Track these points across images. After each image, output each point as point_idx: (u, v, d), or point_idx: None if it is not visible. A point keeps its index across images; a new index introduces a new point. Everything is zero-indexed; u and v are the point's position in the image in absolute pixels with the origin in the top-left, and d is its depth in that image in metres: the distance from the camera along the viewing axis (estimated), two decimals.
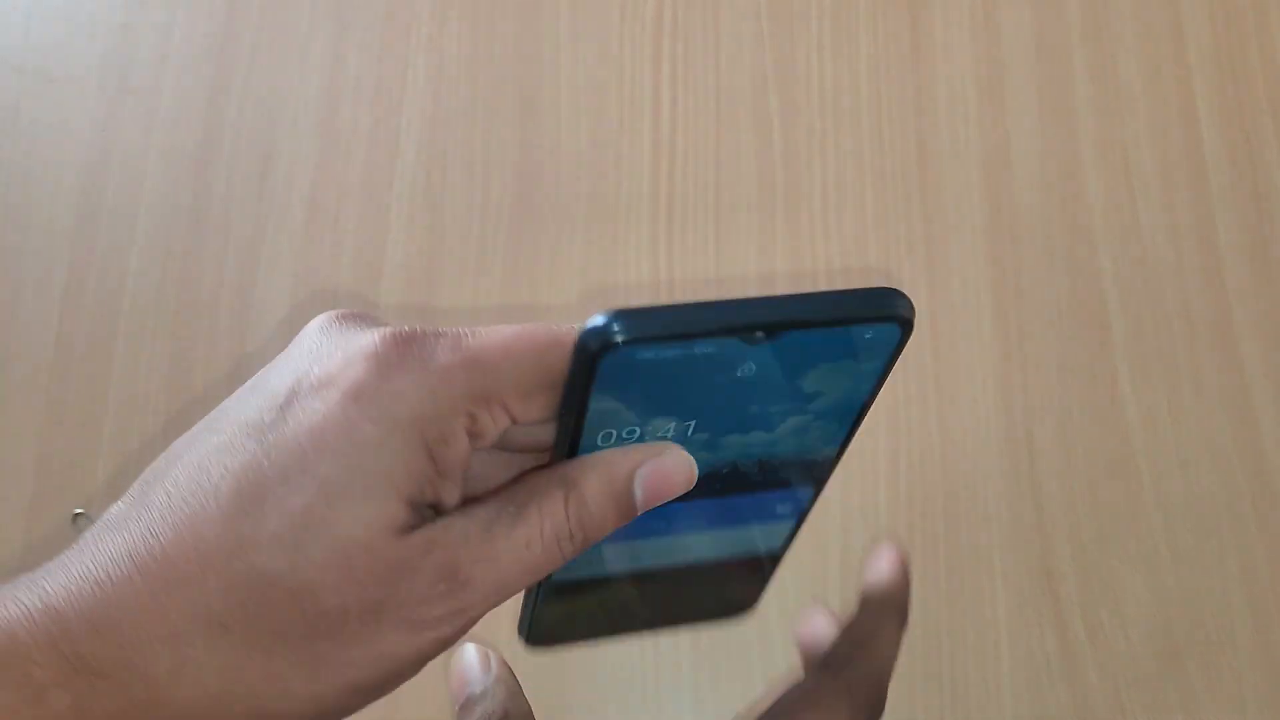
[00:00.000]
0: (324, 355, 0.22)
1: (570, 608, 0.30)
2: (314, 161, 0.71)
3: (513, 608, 0.29)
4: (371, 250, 0.69)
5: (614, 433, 0.24)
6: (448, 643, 0.23)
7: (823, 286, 0.67)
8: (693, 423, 0.24)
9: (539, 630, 0.29)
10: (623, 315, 0.21)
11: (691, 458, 0.24)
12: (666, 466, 0.24)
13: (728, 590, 0.32)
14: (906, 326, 0.24)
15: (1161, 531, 0.61)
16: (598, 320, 0.22)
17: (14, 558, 0.64)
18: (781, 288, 0.67)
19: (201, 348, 0.68)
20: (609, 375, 0.22)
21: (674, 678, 0.60)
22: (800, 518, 0.30)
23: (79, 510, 0.65)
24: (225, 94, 0.73)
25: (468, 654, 0.32)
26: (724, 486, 0.27)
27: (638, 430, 0.24)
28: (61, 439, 0.66)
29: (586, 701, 0.60)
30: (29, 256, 0.70)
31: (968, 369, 0.64)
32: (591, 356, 0.21)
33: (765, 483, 0.27)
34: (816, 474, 0.28)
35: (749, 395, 0.24)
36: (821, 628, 0.33)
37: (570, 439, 0.23)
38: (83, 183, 0.71)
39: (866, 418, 0.27)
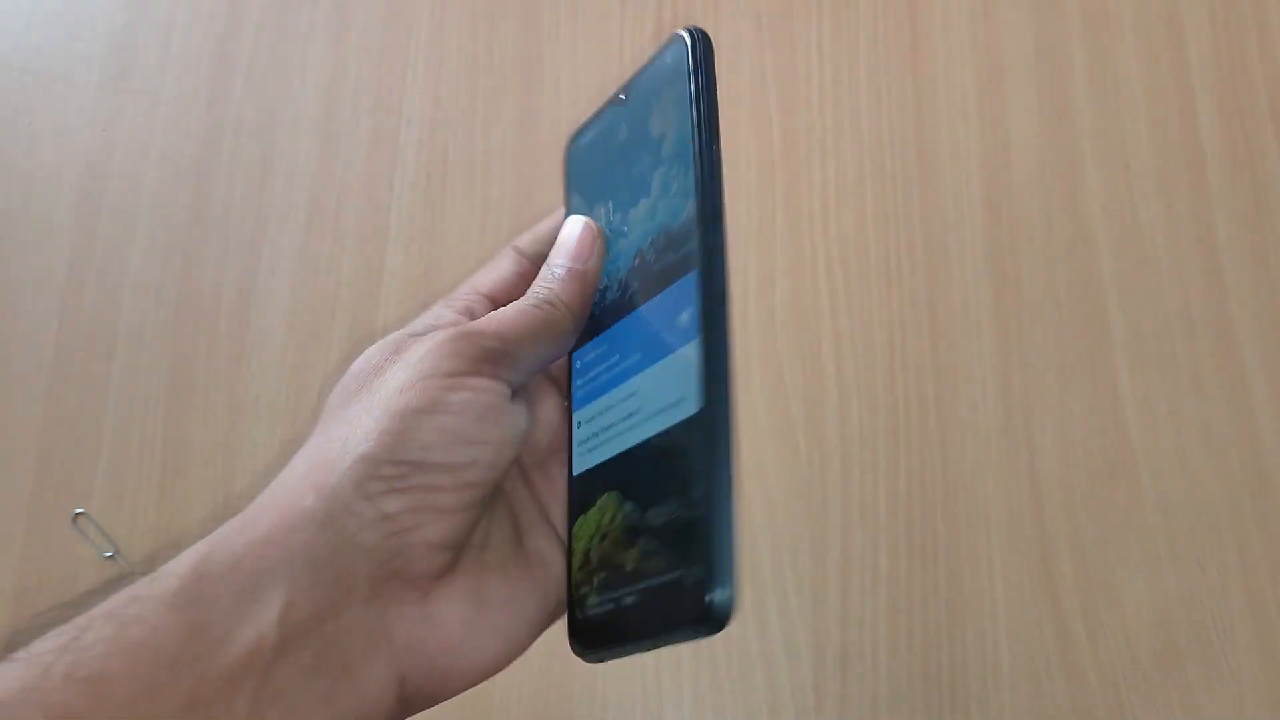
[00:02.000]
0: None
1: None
2: (314, 162, 0.71)
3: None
4: (372, 251, 0.69)
5: None
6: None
7: (821, 284, 0.67)
8: (610, 203, 0.30)
9: (583, 635, 0.27)
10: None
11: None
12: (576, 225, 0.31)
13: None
14: (691, 35, 0.28)
15: (1161, 531, 0.61)
16: None
17: (14, 556, 0.64)
18: (782, 286, 0.67)
19: (202, 348, 0.68)
20: (575, 169, 0.30)
21: (674, 678, 0.60)
22: (704, 316, 0.26)
23: (79, 510, 0.65)
24: (226, 95, 0.73)
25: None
26: (637, 287, 0.28)
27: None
28: (61, 438, 0.66)
29: (587, 701, 0.60)
30: (30, 256, 0.70)
31: (967, 368, 0.64)
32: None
33: (663, 271, 0.27)
34: (697, 244, 0.26)
35: (628, 159, 0.30)
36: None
37: None
38: (83, 183, 0.71)
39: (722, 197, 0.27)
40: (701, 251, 0.26)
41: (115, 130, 0.73)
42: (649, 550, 0.24)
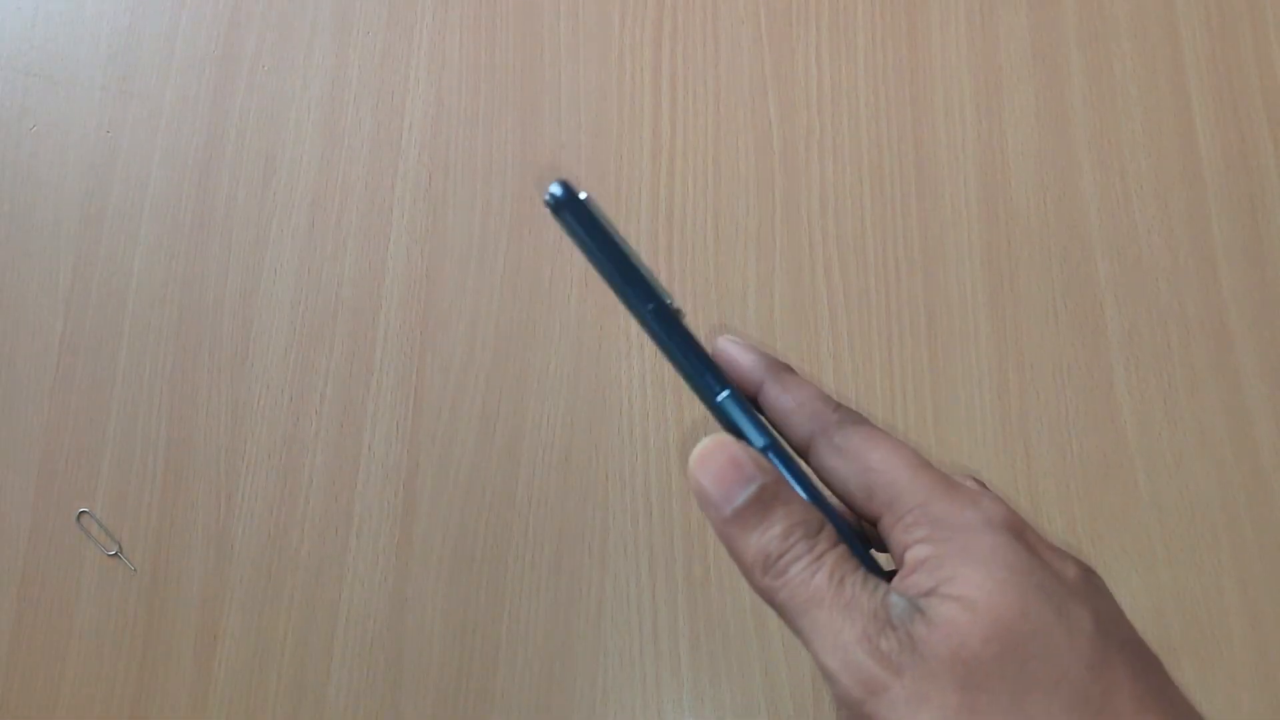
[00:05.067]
0: None
1: None
2: (317, 164, 0.72)
3: None
4: (374, 252, 0.70)
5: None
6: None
7: (820, 285, 0.67)
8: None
9: None
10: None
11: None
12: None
13: None
14: (551, 202, 0.28)
15: (1157, 530, 0.61)
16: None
17: (18, 555, 0.65)
18: (780, 287, 0.68)
19: (205, 348, 0.68)
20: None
21: (674, 676, 0.60)
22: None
23: (83, 509, 0.66)
24: (229, 97, 0.74)
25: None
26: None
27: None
28: (65, 439, 0.67)
29: (587, 701, 0.60)
30: (34, 258, 0.70)
31: (964, 369, 0.65)
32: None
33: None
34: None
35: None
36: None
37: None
38: (87, 185, 0.72)
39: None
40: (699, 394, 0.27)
41: (119, 132, 0.73)
42: None
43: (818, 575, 0.23)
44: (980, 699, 0.21)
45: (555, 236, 0.69)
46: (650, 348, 0.66)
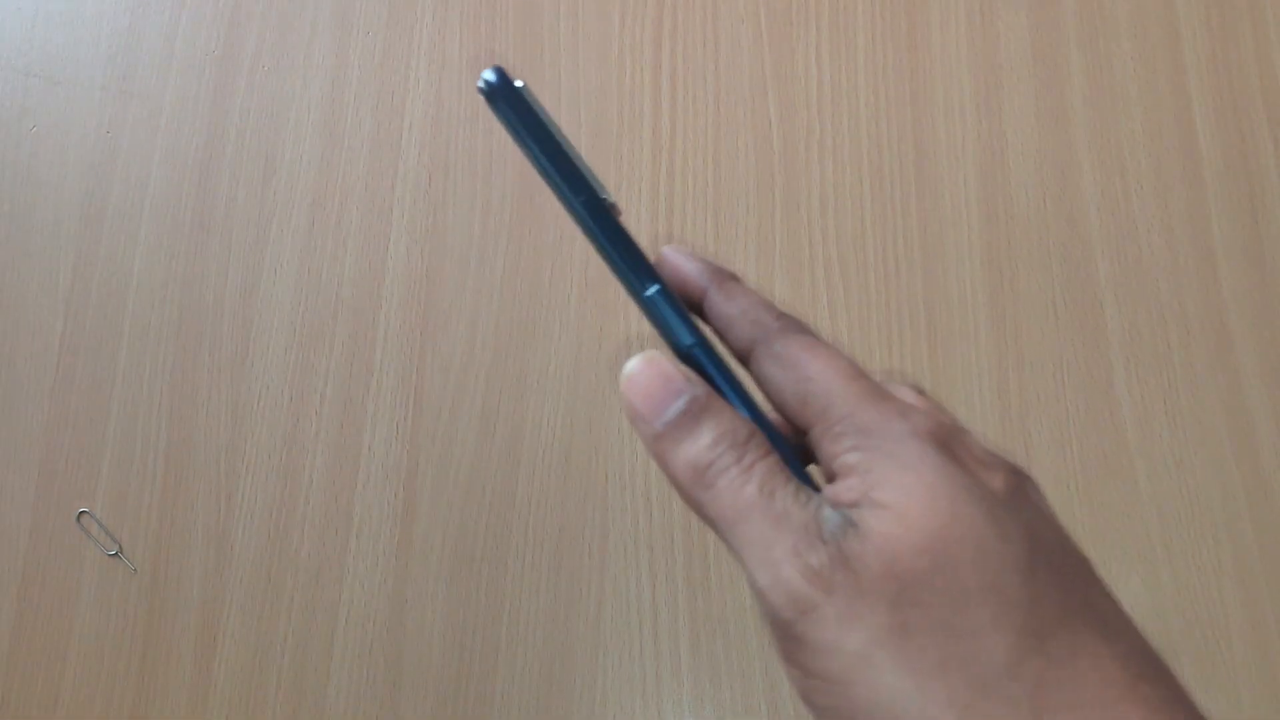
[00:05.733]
0: None
1: None
2: (317, 164, 0.72)
3: None
4: (374, 251, 0.70)
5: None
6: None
7: (820, 284, 0.67)
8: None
9: None
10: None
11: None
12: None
13: None
14: (485, 88, 0.27)
15: (1157, 529, 0.61)
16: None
17: (18, 555, 0.65)
18: (780, 286, 0.68)
19: (205, 348, 0.68)
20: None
21: (674, 678, 0.60)
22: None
23: (83, 509, 0.66)
24: (229, 97, 0.74)
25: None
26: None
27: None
28: (66, 438, 0.67)
29: (587, 701, 0.60)
30: (34, 258, 0.70)
31: (964, 368, 0.65)
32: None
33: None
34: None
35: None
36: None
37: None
38: (87, 185, 0.72)
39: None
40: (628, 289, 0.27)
41: (119, 132, 0.73)
42: None
43: (747, 487, 0.23)
44: (912, 615, 0.20)
45: (555, 236, 0.69)
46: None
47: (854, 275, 0.67)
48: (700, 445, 0.23)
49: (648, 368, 0.24)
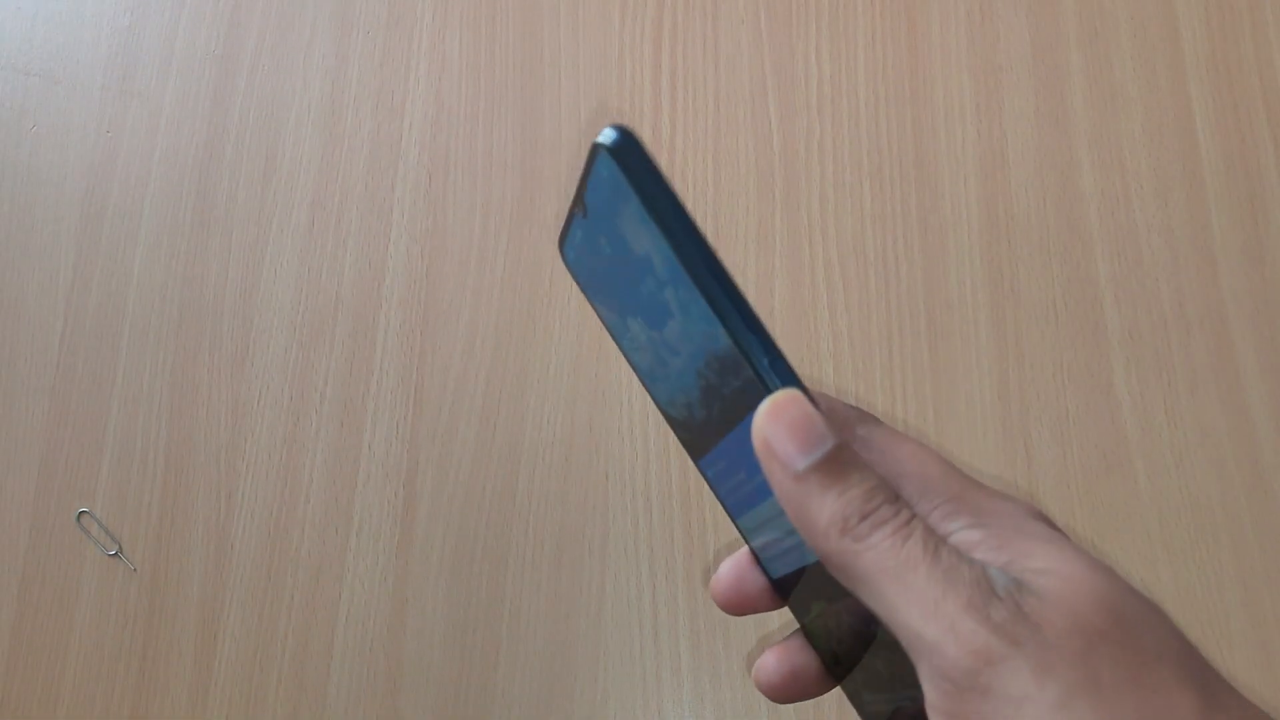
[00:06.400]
0: None
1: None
2: (317, 164, 0.72)
3: None
4: (374, 251, 0.70)
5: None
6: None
7: (820, 284, 0.67)
8: (642, 319, 0.26)
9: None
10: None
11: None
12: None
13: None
14: (614, 146, 0.23)
15: (1157, 529, 0.61)
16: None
17: (18, 554, 0.65)
18: (780, 286, 0.68)
19: (205, 348, 0.68)
20: (585, 279, 0.25)
21: (674, 674, 0.60)
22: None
23: (83, 508, 0.66)
24: (229, 97, 0.74)
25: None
26: (718, 408, 0.26)
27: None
28: (66, 438, 0.67)
29: (587, 701, 0.60)
30: (35, 257, 0.70)
31: (964, 368, 0.65)
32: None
33: (735, 397, 0.25)
34: (751, 372, 0.24)
35: (630, 276, 0.25)
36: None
37: None
38: (88, 184, 0.72)
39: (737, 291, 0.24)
40: (759, 376, 0.24)
41: (119, 132, 0.73)
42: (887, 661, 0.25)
43: (910, 541, 0.23)
44: (1103, 669, 0.21)
45: (555, 236, 0.69)
46: None
47: (854, 275, 0.67)
48: (851, 495, 0.23)
49: (793, 405, 0.23)
